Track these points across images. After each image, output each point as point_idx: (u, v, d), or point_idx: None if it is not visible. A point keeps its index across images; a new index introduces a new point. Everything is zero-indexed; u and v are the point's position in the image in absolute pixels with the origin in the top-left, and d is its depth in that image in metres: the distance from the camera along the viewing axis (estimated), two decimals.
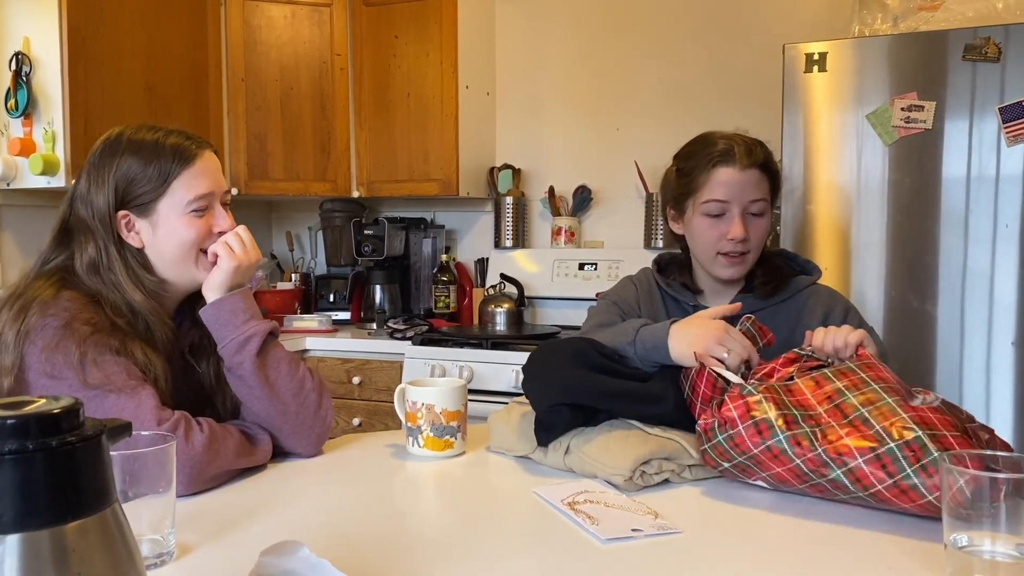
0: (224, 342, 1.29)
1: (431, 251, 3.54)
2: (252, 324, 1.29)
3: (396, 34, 3.26)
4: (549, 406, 1.28)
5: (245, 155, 3.26)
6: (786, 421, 1.11)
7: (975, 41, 2.19)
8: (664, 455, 1.20)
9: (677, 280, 1.63)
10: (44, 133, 2.65)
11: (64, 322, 1.18)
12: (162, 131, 1.32)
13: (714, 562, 0.93)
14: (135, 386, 1.18)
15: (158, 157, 1.29)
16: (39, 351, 1.16)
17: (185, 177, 1.30)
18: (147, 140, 1.30)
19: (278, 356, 1.32)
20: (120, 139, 1.31)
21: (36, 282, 1.26)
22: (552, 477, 1.24)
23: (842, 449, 1.05)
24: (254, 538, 0.97)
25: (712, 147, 1.52)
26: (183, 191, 1.30)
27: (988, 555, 0.82)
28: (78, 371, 1.15)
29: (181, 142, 1.31)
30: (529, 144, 3.48)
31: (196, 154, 1.31)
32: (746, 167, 1.49)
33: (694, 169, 1.53)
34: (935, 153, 2.25)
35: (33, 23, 2.65)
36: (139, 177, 1.28)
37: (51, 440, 0.53)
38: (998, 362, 2.20)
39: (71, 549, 0.54)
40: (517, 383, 2.69)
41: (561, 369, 1.28)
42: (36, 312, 1.19)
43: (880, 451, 1.02)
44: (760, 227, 1.52)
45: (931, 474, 0.98)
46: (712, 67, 3.17)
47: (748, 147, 1.51)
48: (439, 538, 1.01)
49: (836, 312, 1.52)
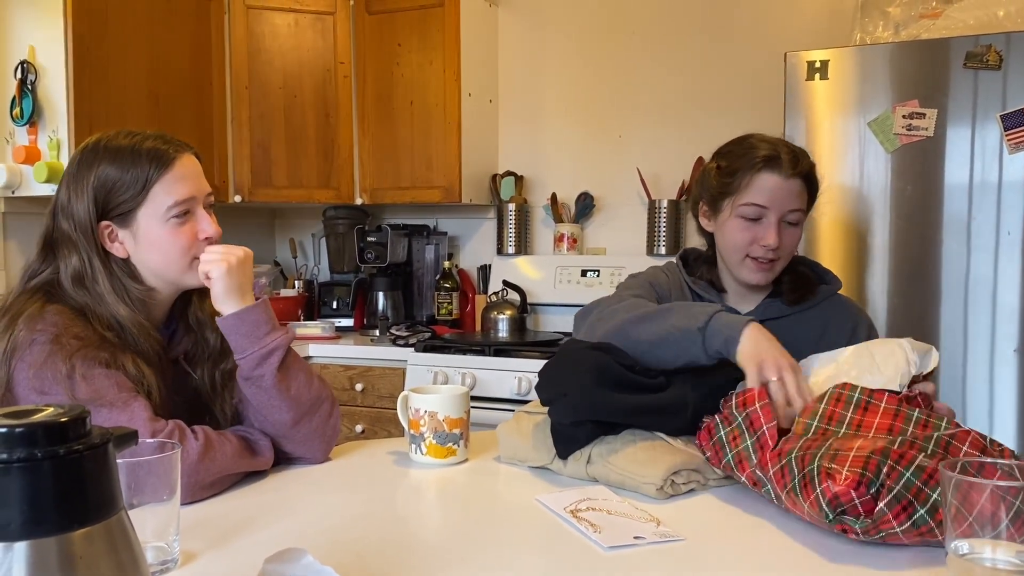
0: (245, 354, 1.27)
1: (434, 258, 3.55)
2: (273, 336, 1.29)
3: (399, 42, 3.28)
4: (572, 423, 1.27)
5: (249, 163, 3.27)
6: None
7: (976, 49, 2.20)
8: (693, 466, 1.21)
9: (705, 277, 1.62)
10: (49, 141, 2.66)
11: (52, 337, 1.17)
12: (139, 136, 1.30)
13: (716, 570, 0.93)
14: (127, 399, 1.17)
15: (135, 163, 1.26)
16: (27, 367, 1.16)
17: (164, 182, 1.27)
18: (123, 146, 1.28)
19: (296, 367, 1.32)
20: (97, 147, 1.29)
21: (22, 297, 1.25)
22: (556, 485, 1.24)
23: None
24: (258, 545, 0.98)
25: (757, 150, 1.50)
26: (162, 196, 1.27)
27: (989, 562, 0.82)
28: (67, 386, 1.14)
29: (158, 146, 1.28)
30: (531, 151, 3.49)
31: (174, 158, 1.29)
32: (790, 176, 1.48)
33: (737, 171, 1.51)
34: (937, 160, 2.25)
35: (38, 32, 2.67)
36: (117, 185, 1.26)
37: (59, 448, 0.54)
38: (1001, 369, 2.20)
39: (78, 556, 0.54)
40: (520, 390, 2.69)
41: (587, 387, 1.26)
42: (23, 328, 1.18)
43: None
44: (793, 236, 1.51)
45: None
46: (714, 75, 3.18)
47: (795, 156, 1.50)
48: (442, 545, 1.01)
49: (861, 329, 1.54)
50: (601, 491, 1.19)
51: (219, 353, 1.38)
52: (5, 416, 0.55)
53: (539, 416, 1.36)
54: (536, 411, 1.38)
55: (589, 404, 1.26)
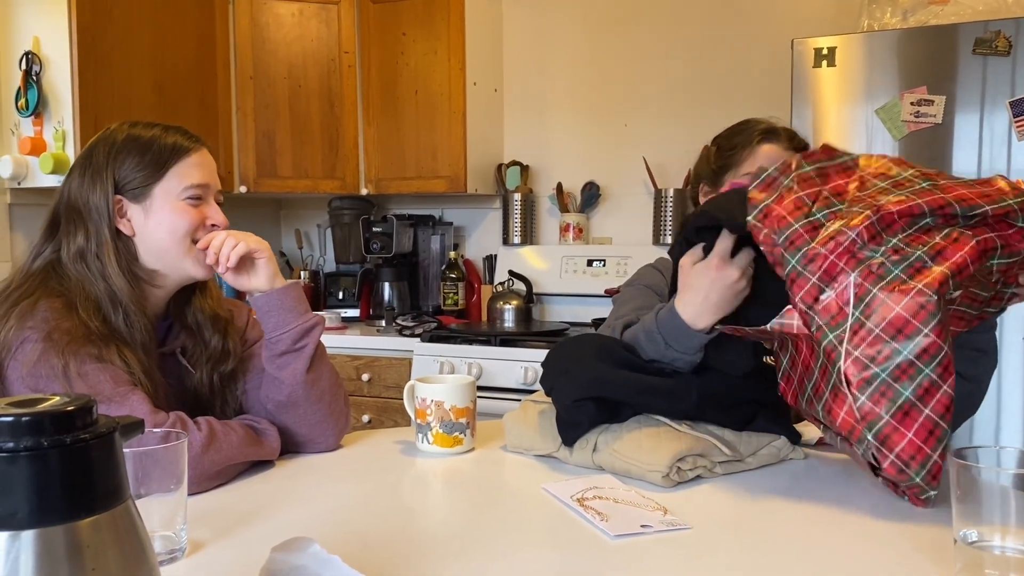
0: (289, 327, 1.32)
1: (439, 248, 3.55)
2: (312, 314, 1.37)
3: (404, 31, 3.27)
4: (575, 400, 1.26)
5: (254, 153, 3.27)
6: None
7: (985, 35, 2.18)
8: (698, 451, 1.20)
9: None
10: (54, 132, 2.66)
11: (44, 334, 1.17)
12: (160, 127, 1.34)
13: (723, 558, 0.93)
14: (125, 392, 1.17)
15: (157, 147, 1.31)
16: (20, 366, 1.16)
17: (184, 164, 1.32)
18: (144, 135, 1.32)
19: (322, 347, 1.38)
20: (118, 133, 1.32)
21: (24, 285, 1.25)
22: (562, 473, 1.24)
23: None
24: (265, 534, 0.98)
25: (756, 125, 1.58)
26: (181, 176, 1.31)
27: (998, 550, 0.81)
28: (63, 383, 1.15)
29: (179, 138, 1.33)
30: (537, 141, 3.48)
31: (193, 148, 1.34)
32: (787, 148, 1.54)
33: (736, 145, 1.57)
34: (945, 148, 2.24)
35: (43, 23, 2.67)
36: (137, 164, 1.30)
37: (65, 437, 0.54)
38: (1009, 358, 2.19)
39: (85, 545, 0.54)
40: (526, 380, 2.69)
41: (588, 363, 1.27)
42: (14, 325, 1.18)
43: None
44: None
45: None
46: (721, 62, 3.16)
47: (791, 132, 1.59)
48: (448, 534, 1.02)
49: None
50: (608, 479, 1.19)
51: (219, 355, 1.38)
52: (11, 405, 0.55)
53: (545, 405, 1.36)
54: (542, 400, 1.38)
55: (591, 379, 1.25)
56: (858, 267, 1.01)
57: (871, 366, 0.98)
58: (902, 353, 0.98)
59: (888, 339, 0.98)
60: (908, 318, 0.98)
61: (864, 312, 0.99)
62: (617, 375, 1.25)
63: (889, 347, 0.98)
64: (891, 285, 0.99)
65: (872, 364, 0.98)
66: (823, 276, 1.03)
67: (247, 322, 1.47)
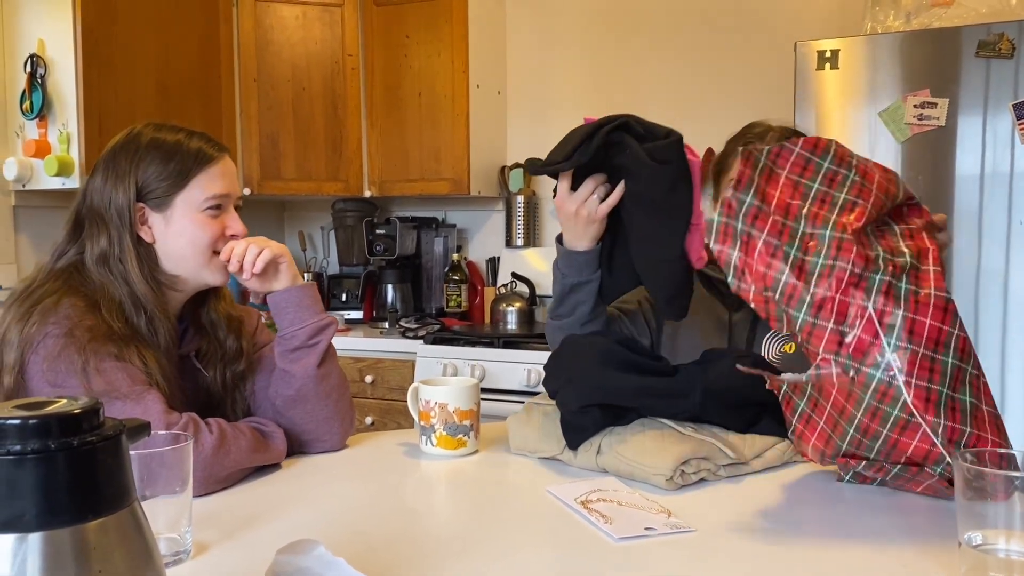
0: (304, 323, 1.35)
1: (443, 250, 3.55)
2: (326, 314, 1.39)
3: (407, 34, 3.27)
4: (581, 407, 1.28)
5: (258, 155, 3.28)
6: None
7: (989, 37, 2.18)
8: (702, 454, 1.20)
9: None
10: (59, 135, 2.67)
11: (66, 330, 1.18)
12: (184, 132, 1.34)
13: (727, 561, 0.93)
14: (140, 391, 1.18)
15: (180, 156, 1.31)
16: (41, 360, 1.17)
17: (207, 174, 1.32)
18: (168, 140, 1.32)
19: (333, 348, 1.40)
20: (142, 135, 1.33)
21: (46, 283, 1.26)
22: (566, 476, 1.24)
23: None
24: (270, 536, 0.98)
25: (753, 128, 1.63)
26: (203, 186, 1.31)
27: (1003, 554, 0.81)
28: (82, 378, 1.15)
29: (203, 145, 1.33)
30: (540, 142, 3.47)
31: (217, 157, 1.34)
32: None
33: (728, 151, 1.61)
34: (948, 150, 2.24)
35: (47, 25, 2.67)
36: (160, 172, 1.30)
37: (72, 440, 0.54)
38: (1012, 360, 2.19)
39: (92, 547, 0.54)
40: (529, 382, 2.69)
41: (591, 370, 1.27)
42: (37, 320, 1.19)
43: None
44: None
45: None
46: (724, 65, 3.16)
47: (788, 134, 1.60)
48: (452, 536, 1.02)
49: None
50: (611, 482, 1.19)
51: (233, 354, 1.40)
52: (19, 408, 0.55)
53: (549, 407, 1.36)
54: (546, 402, 1.38)
55: (594, 387, 1.26)
56: (868, 297, 1.00)
57: (932, 387, 0.98)
58: (948, 362, 0.98)
59: (931, 353, 0.98)
60: (939, 326, 0.99)
61: (900, 338, 0.98)
62: (621, 380, 1.26)
63: (937, 362, 0.98)
64: (909, 301, 0.99)
65: (932, 384, 0.98)
66: (837, 319, 1.01)
67: (256, 327, 1.49)
